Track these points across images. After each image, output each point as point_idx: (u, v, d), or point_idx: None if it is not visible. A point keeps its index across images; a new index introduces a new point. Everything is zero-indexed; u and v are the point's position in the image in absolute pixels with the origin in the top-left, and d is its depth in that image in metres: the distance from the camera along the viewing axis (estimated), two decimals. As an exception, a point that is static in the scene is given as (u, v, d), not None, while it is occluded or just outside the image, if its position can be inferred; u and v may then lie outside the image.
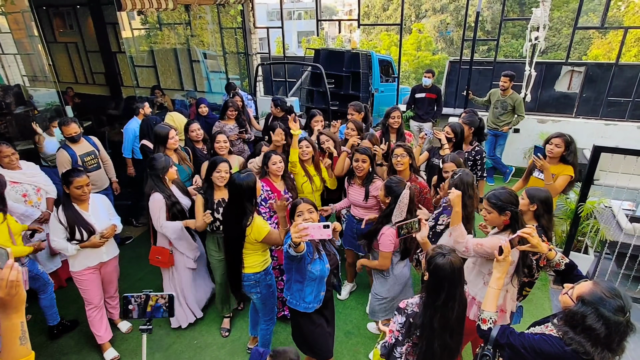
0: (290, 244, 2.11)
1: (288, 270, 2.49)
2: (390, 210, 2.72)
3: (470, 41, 6.84)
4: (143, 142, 4.29)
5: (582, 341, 1.55)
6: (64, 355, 3.29)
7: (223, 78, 8.81)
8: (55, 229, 2.89)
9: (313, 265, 2.32)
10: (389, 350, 2.02)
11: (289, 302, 2.52)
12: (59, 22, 10.06)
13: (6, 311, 1.15)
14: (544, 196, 2.44)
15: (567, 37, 21.05)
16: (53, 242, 2.92)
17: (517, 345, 1.72)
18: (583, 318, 1.55)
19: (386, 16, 29.65)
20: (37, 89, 7.17)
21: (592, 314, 1.54)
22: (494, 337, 1.79)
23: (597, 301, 1.55)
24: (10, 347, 1.15)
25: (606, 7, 6.07)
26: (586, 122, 6.32)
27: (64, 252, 2.96)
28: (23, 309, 1.19)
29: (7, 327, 1.15)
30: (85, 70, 10.49)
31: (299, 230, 1.98)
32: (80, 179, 2.87)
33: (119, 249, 3.39)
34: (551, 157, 3.37)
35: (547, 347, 1.64)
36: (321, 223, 2.03)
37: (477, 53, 7.00)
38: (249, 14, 8.09)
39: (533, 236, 1.96)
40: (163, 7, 5.51)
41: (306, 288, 2.41)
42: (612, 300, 1.53)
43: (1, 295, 1.13)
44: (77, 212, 2.94)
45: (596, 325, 1.52)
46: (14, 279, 1.14)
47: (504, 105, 5.79)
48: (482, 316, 1.88)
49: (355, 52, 7.63)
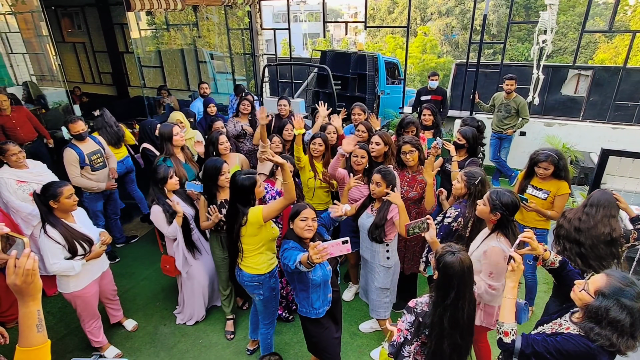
0: (301, 262, 2.08)
1: (291, 281, 2.49)
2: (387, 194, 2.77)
3: (477, 44, 6.83)
4: (144, 145, 4.31)
5: (609, 334, 1.56)
6: (69, 352, 3.30)
7: (229, 79, 8.85)
8: (53, 251, 2.64)
9: (314, 272, 2.30)
10: (397, 349, 2.02)
11: (299, 311, 2.51)
12: (67, 22, 10.16)
13: (23, 298, 1.19)
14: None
15: (573, 41, 20.98)
16: (54, 266, 2.64)
17: (542, 352, 1.70)
18: (607, 311, 1.56)
19: (391, 19, 29.67)
20: (45, 88, 7.24)
21: (615, 305, 1.55)
22: (519, 349, 1.76)
23: (617, 292, 1.56)
24: (28, 334, 1.19)
25: (614, 10, 6.04)
26: (593, 126, 6.28)
27: (68, 274, 2.73)
28: (39, 297, 1.22)
29: (24, 315, 1.19)
30: (92, 70, 10.59)
31: (319, 252, 1.94)
32: (68, 188, 2.72)
33: (126, 247, 3.40)
34: (543, 178, 3.23)
35: (572, 347, 1.64)
36: (339, 239, 2.00)
37: (482, 56, 6.99)
38: (256, 15, 8.13)
39: (533, 240, 2.01)
40: (171, 7, 5.54)
41: (312, 295, 2.40)
42: (629, 289, 1.55)
43: (18, 283, 1.17)
44: (69, 226, 2.75)
45: (621, 317, 1.53)
46: (30, 267, 1.18)
47: (508, 109, 5.77)
48: (503, 329, 1.83)
49: (361, 54, 7.63)
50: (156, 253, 4.33)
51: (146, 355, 3.28)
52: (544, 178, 3.20)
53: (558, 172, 3.13)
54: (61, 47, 10.24)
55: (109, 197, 4.37)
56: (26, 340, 1.19)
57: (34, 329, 1.19)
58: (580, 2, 21.67)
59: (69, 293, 2.85)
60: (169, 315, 3.68)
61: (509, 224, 2.32)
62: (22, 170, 3.55)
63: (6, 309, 3.44)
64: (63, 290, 2.85)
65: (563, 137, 6.17)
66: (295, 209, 2.41)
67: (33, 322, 1.19)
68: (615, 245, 2.47)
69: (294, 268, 2.15)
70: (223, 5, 7.08)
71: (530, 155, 3.29)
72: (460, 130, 3.68)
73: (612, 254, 2.49)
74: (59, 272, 2.70)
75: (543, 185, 3.23)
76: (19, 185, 3.50)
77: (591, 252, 2.48)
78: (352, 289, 3.94)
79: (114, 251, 4.56)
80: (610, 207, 2.49)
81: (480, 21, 6.96)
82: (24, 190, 3.52)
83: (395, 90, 8.64)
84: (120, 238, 4.74)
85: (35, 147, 5.24)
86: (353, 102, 4.53)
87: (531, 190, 3.31)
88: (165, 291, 4.00)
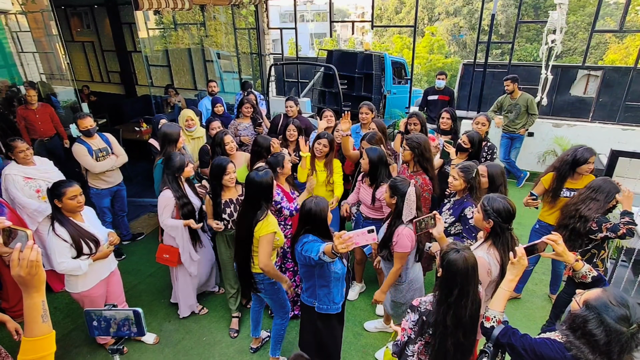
0: (324, 252, 2.06)
1: (308, 278, 2.44)
2: (399, 210, 2.61)
3: (484, 44, 6.79)
4: (150, 140, 4.34)
5: (582, 347, 1.52)
6: (75, 347, 3.33)
7: (236, 78, 8.89)
8: (60, 250, 2.60)
9: (335, 265, 2.30)
10: (401, 349, 2.00)
11: (318, 309, 2.46)
12: (76, 21, 10.26)
13: (28, 290, 1.23)
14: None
15: (582, 41, 20.75)
16: (61, 265, 2.62)
17: (517, 346, 1.70)
18: (584, 322, 1.52)
19: (398, 19, 29.58)
20: (55, 86, 7.31)
21: (594, 319, 1.50)
22: (495, 336, 1.79)
23: (601, 307, 1.51)
24: (33, 324, 1.23)
25: (625, 10, 5.96)
26: (602, 127, 6.20)
27: (74, 273, 2.71)
28: (43, 288, 1.26)
29: (29, 305, 1.24)
30: (101, 69, 10.68)
31: (344, 241, 1.93)
32: (73, 189, 2.66)
33: (132, 245, 3.40)
34: (579, 175, 3.22)
35: (547, 351, 1.62)
36: (365, 229, 1.96)
37: (490, 56, 6.94)
38: (263, 15, 8.15)
39: (559, 244, 1.92)
40: (179, 7, 5.57)
41: (333, 289, 2.39)
42: (617, 309, 1.48)
43: (23, 274, 1.21)
44: (77, 225, 2.72)
45: (596, 332, 1.48)
46: (34, 259, 1.22)
47: (517, 108, 5.74)
48: (487, 314, 1.86)
49: (368, 54, 7.62)
50: (162, 250, 4.37)
51: (151, 351, 3.30)
52: (580, 175, 3.19)
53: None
54: (70, 46, 10.35)
55: (116, 194, 4.40)
56: (31, 331, 1.24)
57: (39, 320, 1.24)
58: (590, 2, 21.41)
59: (77, 293, 2.83)
60: (173, 312, 3.70)
61: (503, 233, 2.21)
62: (29, 167, 3.57)
63: (15, 304, 3.49)
64: (71, 290, 2.83)
65: (572, 138, 6.10)
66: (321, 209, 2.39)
67: (38, 313, 1.24)
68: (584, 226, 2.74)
69: (318, 259, 2.11)
70: (230, 5, 7.10)
71: (565, 158, 3.19)
72: (467, 133, 3.61)
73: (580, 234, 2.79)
74: (66, 271, 2.68)
75: (575, 184, 3.18)
76: (26, 181, 3.52)
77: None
78: (357, 287, 3.92)
79: (120, 248, 4.59)
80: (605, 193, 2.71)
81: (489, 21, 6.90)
82: (31, 187, 3.55)
83: (401, 90, 8.61)
84: (127, 235, 4.77)
85: (52, 143, 5.51)
86: (359, 102, 4.51)
87: (567, 193, 3.21)
88: (170, 288, 4.01)
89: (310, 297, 2.49)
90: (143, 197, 5.84)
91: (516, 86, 5.71)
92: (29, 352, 1.23)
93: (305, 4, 31.75)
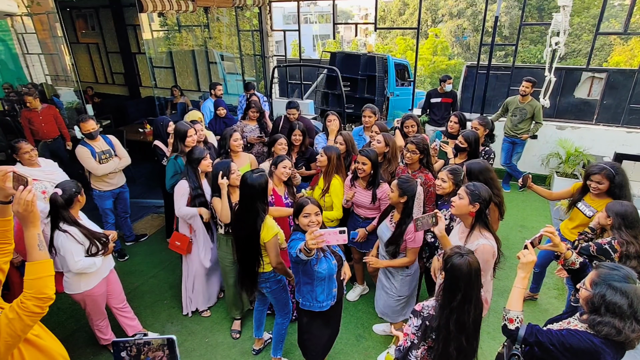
0: (300, 249, 2.10)
1: (295, 274, 2.50)
2: (409, 209, 2.72)
3: (488, 46, 6.77)
4: (155, 143, 4.36)
5: (611, 320, 1.58)
6: (79, 348, 3.34)
7: (239, 80, 8.91)
8: (76, 249, 2.65)
9: (319, 265, 2.33)
10: (404, 354, 2.00)
11: (302, 305, 2.52)
12: (81, 23, 10.33)
13: (26, 224, 1.55)
14: (622, 210, 2.38)
15: (586, 43, 20.68)
16: (77, 263, 2.64)
17: (545, 342, 1.72)
18: (602, 297, 1.61)
19: (402, 20, 29.55)
20: (59, 88, 7.36)
21: (608, 289, 1.61)
22: (522, 337, 1.80)
23: (606, 277, 1.64)
24: (32, 251, 1.56)
25: (629, 12, 5.93)
26: (607, 130, 6.17)
27: (89, 270, 2.73)
28: (38, 224, 1.58)
29: (27, 237, 1.56)
30: (105, 71, 10.74)
31: (315, 237, 1.98)
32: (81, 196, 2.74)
33: (135, 245, 3.42)
34: (597, 195, 2.88)
35: (575, 342, 1.66)
36: (337, 229, 2.02)
37: (493, 58, 6.92)
38: (266, 17, 8.17)
39: (555, 236, 2.04)
40: (183, 9, 5.61)
41: (316, 288, 2.42)
42: (616, 272, 1.64)
43: (20, 210, 1.52)
44: (84, 226, 2.75)
45: (616, 299, 1.58)
46: (29, 199, 1.54)
47: (523, 113, 5.68)
48: (509, 316, 1.87)
49: (371, 56, 7.61)
50: (165, 251, 4.38)
51: None
52: (598, 195, 2.85)
53: (613, 188, 2.76)
54: (75, 48, 10.42)
55: (119, 196, 4.42)
56: (31, 256, 1.56)
57: (36, 248, 1.56)
58: (594, 4, 21.34)
59: (79, 293, 2.84)
60: (176, 313, 3.71)
61: (484, 216, 2.37)
62: (34, 168, 3.59)
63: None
64: (73, 291, 2.82)
65: (576, 140, 6.07)
66: (297, 206, 2.40)
67: (35, 242, 1.56)
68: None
69: (295, 256, 2.20)
70: (234, 7, 7.13)
71: (585, 167, 3.14)
72: (463, 133, 3.62)
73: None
74: (83, 269, 2.68)
75: (594, 203, 2.90)
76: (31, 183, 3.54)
77: None
78: (357, 289, 3.91)
79: (124, 249, 4.61)
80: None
81: (492, 23, 6.89)
82: (37, 189, 3.55)
83: (404, 92, 8.60)
84: (130, 236, 4.79)
85: (55, 145, 5.59)
86: (362, 104, 4.52)
87: (581, 205, 3.00)
88: (173, 289, 4.03)
89: (297, 293, 2.54)
90: (146, 198, 5.88)
91: (532, 90, 5.65)
92: (31, 274, 1.53)
93: (308, 5, 31.80)
